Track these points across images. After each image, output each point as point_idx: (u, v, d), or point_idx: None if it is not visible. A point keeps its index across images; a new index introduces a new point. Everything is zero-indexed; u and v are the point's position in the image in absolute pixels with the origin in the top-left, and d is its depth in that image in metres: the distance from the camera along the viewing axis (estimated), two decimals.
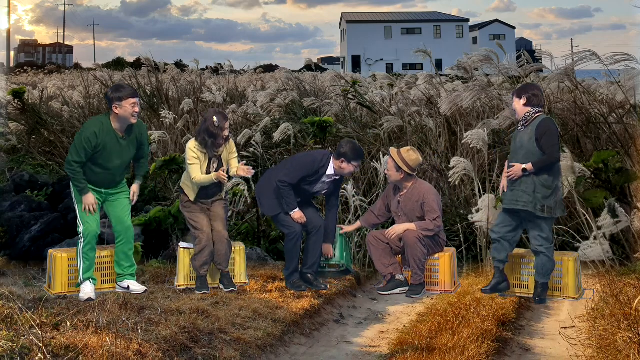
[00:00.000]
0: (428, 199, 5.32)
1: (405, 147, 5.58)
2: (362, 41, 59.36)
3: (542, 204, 4.85)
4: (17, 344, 3.10)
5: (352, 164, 5.25)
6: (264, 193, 5.37)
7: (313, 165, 5.25)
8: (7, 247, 6.74)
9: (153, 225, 6.26)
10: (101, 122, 4.77)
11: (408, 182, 5.43)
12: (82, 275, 4.84)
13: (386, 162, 5.71)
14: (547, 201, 4.85)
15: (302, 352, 4.17)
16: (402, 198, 5.44)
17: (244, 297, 4.85)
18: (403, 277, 5.40)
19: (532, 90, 5.01)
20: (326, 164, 5.28)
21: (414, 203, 5.37)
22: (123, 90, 4.80)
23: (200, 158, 5.07)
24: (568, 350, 4.00)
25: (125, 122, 4.78)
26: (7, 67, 39.12)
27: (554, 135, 4.86)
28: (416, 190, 5.39)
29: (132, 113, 4.75)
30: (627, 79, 6.93)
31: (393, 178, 5.44)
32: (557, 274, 5.16)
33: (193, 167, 5.05)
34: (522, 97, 4.98)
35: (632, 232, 5.53)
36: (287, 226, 5.25)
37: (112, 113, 4.77)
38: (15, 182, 8.33)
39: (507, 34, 60.35)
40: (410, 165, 5.37)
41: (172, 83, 13.33)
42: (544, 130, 4.85)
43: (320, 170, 5.27)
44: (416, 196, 5.37)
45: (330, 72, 16.94)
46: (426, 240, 5.32)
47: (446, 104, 7.36)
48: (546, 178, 4.85)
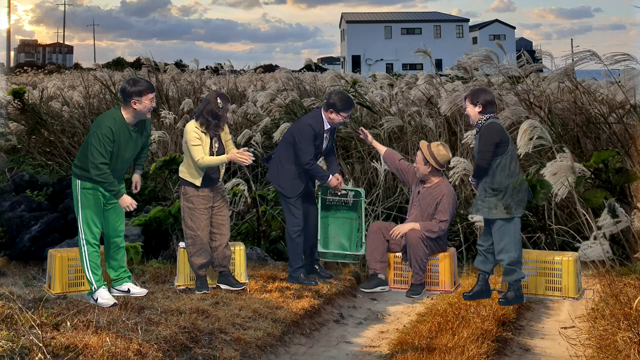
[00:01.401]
0: (445, 200, 5.35)
1: (436, 141, 5.63)
2: (362, 41, 59.36)
3: (494, 206, 4.82)
4: (17, 344, 3.10)
5: (341, 114, 5.30)
6: (281, 177, 5.39)
7: (314, 131, 5.31)
8: (7, 247, 6.74)
9: (153, 225, 6.26)
10: (113, 117, 4.60)
11: (435, 177, 5.46)
12: (95, 284, 4.68)
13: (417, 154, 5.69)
14: (500, 202, 4.80)
15: (302, 352, 4.17)
16: (423, 190, 5.47)
17: (244, 297, 4.85)
18: (384, 276, 5.45)
19: (487, 96, 4.91)
20: (320, 122, 5.35)
21: (432, 199, 5.40)
22: (142, 85, 4.64)
23: (202, 139, 4.95)
24: (568, 350, 4.00)
25: (140, 116, 4.67)
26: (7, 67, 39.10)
27: (486, 140, 4.79)
28: (439, 188, 5.42)
29: (149, 108, 4.67)
30: (627, 79, 6.93)
31: (421, 171, 5.47)
32: (557, 274, 5.17)
33: (196, 148, 4.90)
34: (477, 105, 4.89)
35: (632, 232, 5.53)
36: (297, 215, 5.34)
37: (127, 107, 4.62)
38: (15, 182, 8.33)
39: (507, 34, 60.36)
40: (438, 160, 5.40)
41: (172, 83, 13.32)
42: (480, 135, 4.86)
43: (320, 130, 5.35)
44: (437, 194, 5.40)
45: (330, 72, 16.92)
46: (428, 241, 5.33)
47: (446, 104, 7.37)
48: (492, 181, 4.82)
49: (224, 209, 5.14)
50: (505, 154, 4.82)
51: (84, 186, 4.67)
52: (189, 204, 5.02)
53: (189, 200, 5.02)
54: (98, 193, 4.69)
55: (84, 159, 4.61)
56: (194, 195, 5.00)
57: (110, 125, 4.54)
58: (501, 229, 4.86)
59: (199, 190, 5.00)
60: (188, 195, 5.02)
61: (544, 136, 6.15)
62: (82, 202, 4.67)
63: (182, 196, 5.08)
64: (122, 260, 4.94)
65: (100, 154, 4.48)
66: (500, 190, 4.82)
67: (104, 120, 4.60)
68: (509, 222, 4.85)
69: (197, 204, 5.01)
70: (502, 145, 4.80)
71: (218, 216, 5.10)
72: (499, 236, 4.88)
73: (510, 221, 4.85)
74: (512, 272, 4.89)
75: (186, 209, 5.04)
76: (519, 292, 4.91)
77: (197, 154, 4.90)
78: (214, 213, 5.09)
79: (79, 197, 4.67)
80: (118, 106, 4.75)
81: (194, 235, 5.02)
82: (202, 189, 5.01)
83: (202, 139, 4.95)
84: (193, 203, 5.01)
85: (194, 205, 5.01)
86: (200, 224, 5.01)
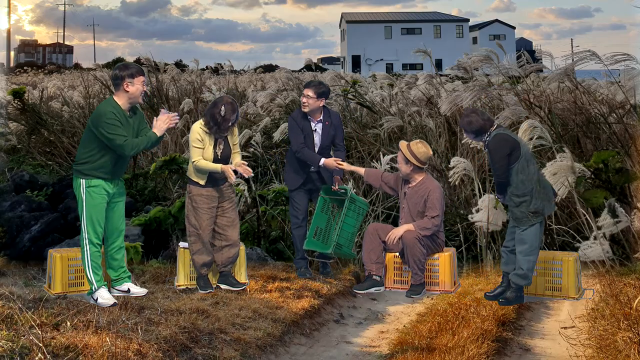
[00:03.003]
0: (432, 196, 5.35)
1: (415, 140, 5.61)
2: (362, 41, 59.34)
3: (528, 212, 4.78)
4: (17, 344, 3.10)
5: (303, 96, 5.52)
6: (285, 171, 5.77)
7: (295, 121, 5.53)
8: (7, 247, 6.73)
9: (153, 225, 6.26)
10: (110, 104, 4.63)
11: (418, 175, 5.47)
12: (95, 284, 4.67)
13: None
14: (530, 207, 4.77)
15: (302, 352, 4.17)
16: (409, 190, 5.47)
17: (244, 297, 4.85)
18: (379, 277, 5.45)
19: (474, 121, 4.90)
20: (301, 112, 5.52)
21: (419, 197, 5.40)
22: (133, 67, 4.69)
23: (205, 140, 4.96)
24: (568, 350, 4.00)
25: (134, 101, 4.67)
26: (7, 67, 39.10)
27: (496, 154, 4.78)
28: (424, 185, 5.43)
29: (141, 92, 4.68)
30: (627, 79, 6.93)
31: (403, 171, 5.48)
32: (557, 274, 5.17)
33: (195, 149, 4.95)
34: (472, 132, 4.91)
35: (632, 232, 5.53)
36: (296, 208, 5.59)
37: (120, 93, 4.64)
38: (15, 182, 8.32)
39: (507, 34, 60.32)
40: (419, 158, 5.40)
41: (172, 83, 13.32)
42: (489, 151, 4.87)
43: (302, 120, 5.51)
44: (422, 191, 5.40)
45: (330, 72, 16.93)
46: (425, 241, 5.33)
47: (446, 104, 7.36)
48: (516, 188, 4.79)
49: (230, 211, 5.12)
50: (520, 158, 4.78)
51: (88, 184, 4.64)
52: (192, 202, 5.03)
53: (193, 199, 5.03)
54: (103, 191, 4.66)
55: (87, 154, 4.61)
56: (197, 194, 5.01)
57: (111, 110, 4.59)
58: (525, 232, 4.82)
59: (202, 189, 5.01)
60: (192, 194, 5.04)
61: (544, 136, 6.16)
62: (87, 201, 4.65)
63: (187, 195, 5.11)
64: (122, 260, 4.93)
65: (118, 135, 4.54)
66: (525, 194, 4.77)
67: (104, 108, 4.62)
68: (533, 226, 4.81)
69: (200, 202, 5.01)
70: (514, 153, 4.78)
71: (224, 217, 5.10)
72: (522, 239, 4.84)
73: (535, 225, 4.81)
74: (525, 277, 4.87)
75: (190, 207, 5.06)
76: (520, 292, 4.90)
77: (194, 155, 4.97)
78: (219, 214, 5.08)
79: (83, 196, 4.65)
80: (110, 96, 4.75)
81: (196, 234, 5.03)
82: (206, 188, 5.01)
83: (205, 140, 4.97)
84: (196, 202, 5.01)
85: (197, 204, 5.01)
86: (202, 223, 5.02)
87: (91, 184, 4.64)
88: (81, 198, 4.66)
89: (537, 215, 4.79)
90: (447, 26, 61.78)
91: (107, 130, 4.53)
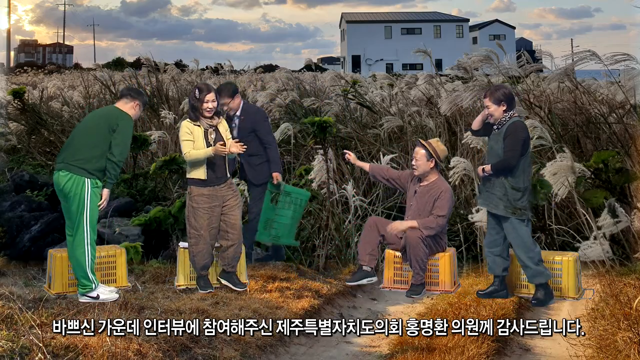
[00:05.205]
0: (443, 196, 5.37)
1: (433, 138, 5.69)
2: (362, 41, 59.32)
3: (513, 206, 4.88)
4: (17, 344, 3.10)
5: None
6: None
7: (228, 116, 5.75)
8: (7, 247, 6.73)
9: (153, 225, 6.25)
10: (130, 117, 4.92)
11: (432, 175, 5.48)
12: (95, 282, 4.70)
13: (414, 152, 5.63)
14: (517, 203, 4.88)
15: (302, 352, 4.17)
16: (420, 189, 5.48)
17: (244, 297, 4.85)
18: (370, 268, 5.45)
19: (508, 92, 4.96)
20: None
21: (430, 196, 5.41)
22: (143, 97, 5.00)
23: (194, 131, 4.97)
24: (568, 350, 4.00)
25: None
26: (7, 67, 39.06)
27: (515, 138, 4.83)
28: (436, 185, 5.44)
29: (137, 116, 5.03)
30: (627, 79, 6.94)
31: (422, 168, 5.47)
32: (557, 274, 5.17)
33: (185, 143, 4.98)
34: (501, 103, 4.91)
35: (632, 232, 5.53)
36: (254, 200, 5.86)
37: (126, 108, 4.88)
38: (15, 182, 8.32)
39: (507, 34, 60.29)
40: (440, 156, 5.46)
41: (172, 83, 13.32)
42: (509, 133, 4.88)
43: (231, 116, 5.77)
44: (435, 191, 5.41)
45: (330, 72, 16.93)
46: (428, 240, 5.33)
47: (446, 104, 7.36)
48: (516, 180, 4.86)
49: (235, 209, 5.10)
50: (527, 153, 4.91)
51: (94, 185, 4.64)
52: (192, 203, 5.02)
53: (193, 199, 5.01)
54: (99, 194, 4.70)
55: (95, 154, 4.62)
56: (198, 194, 5.00)
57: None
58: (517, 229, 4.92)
59: (203, 188, 4.99)
60: (192, 194, 5.03)
61: (544, 136, 6.16)
62: (91, 202, 4.64)
63: (187, 195, 5.10)
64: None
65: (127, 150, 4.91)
66: (521, 190, 4.88)
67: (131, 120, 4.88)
68: (525, 223, 4.93)
69: (201, 203, 5.00)
70: (526, 144, 4.89)
71: (229, 215, 5.08)
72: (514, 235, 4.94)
73: (526, 222, 4.94)
74: (539, 274, 4.97)
75: (190, 208, 5.04)
76: (547, 288, 5.01)
77: (185, 148, 4.99)
78: (224, 212, 5.06)
79: (87, 197, 4.62)
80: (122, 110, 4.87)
81: (197, 235, 5.02)
82: (206, 188, 5.00)
83: (194, 131, 4.99)
84: (197, 202, 5.00)
85: (197, 205, 5.00)
86: (203, 223, 5.00)
87: (97, 184, 4.65)
88: (85, 199, 4.62)
89: (523, 212, 4.90)
90: (447, 26, 61.75)
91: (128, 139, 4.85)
